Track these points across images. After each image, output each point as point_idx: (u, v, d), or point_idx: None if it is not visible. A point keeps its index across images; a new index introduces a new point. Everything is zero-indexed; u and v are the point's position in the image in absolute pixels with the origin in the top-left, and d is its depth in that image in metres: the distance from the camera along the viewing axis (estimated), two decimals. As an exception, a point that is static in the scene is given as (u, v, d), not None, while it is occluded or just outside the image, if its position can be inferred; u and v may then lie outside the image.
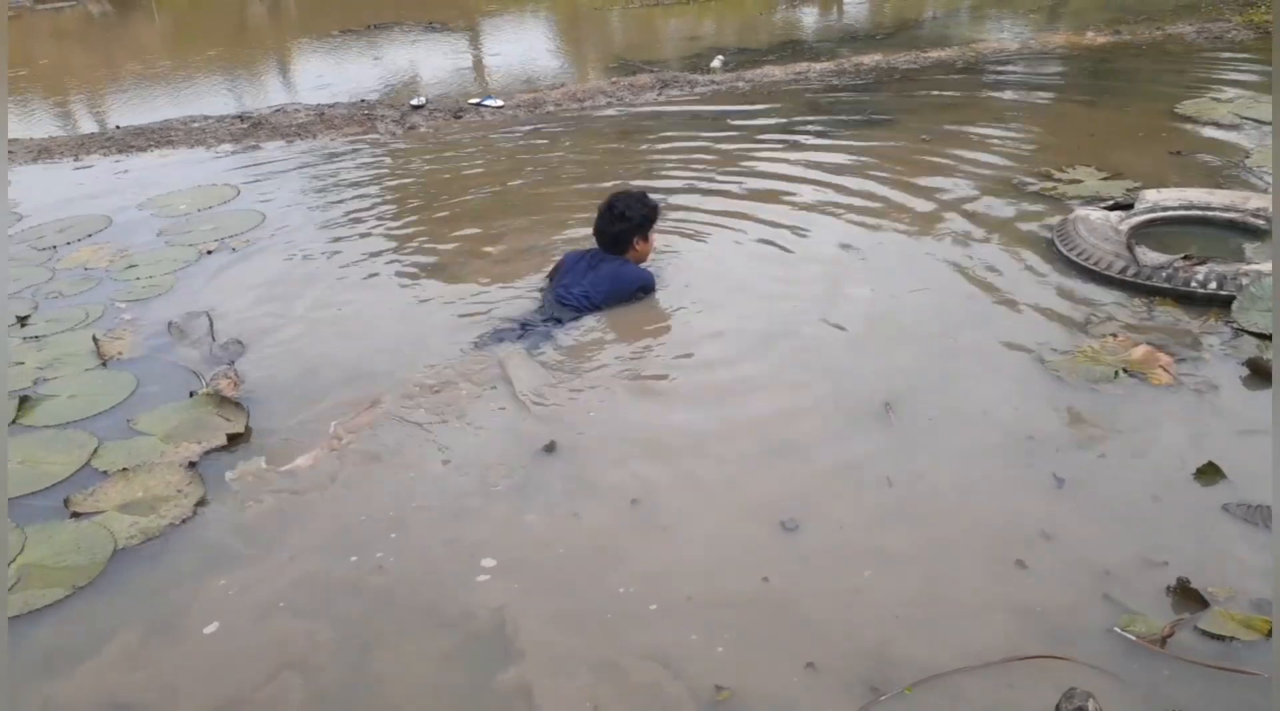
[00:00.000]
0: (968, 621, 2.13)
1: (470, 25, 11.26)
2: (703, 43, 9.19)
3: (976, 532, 2.41)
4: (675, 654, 2.08)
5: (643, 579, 2.30)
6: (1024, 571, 2.25)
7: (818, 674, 2.01)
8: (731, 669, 2.03)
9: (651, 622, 2.17)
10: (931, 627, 2.11)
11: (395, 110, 7.04)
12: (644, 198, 3.81)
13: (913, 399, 3.00)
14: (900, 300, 3.65)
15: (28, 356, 3.63)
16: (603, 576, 2.32)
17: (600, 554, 2.41)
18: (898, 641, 2.08)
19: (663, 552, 2.40)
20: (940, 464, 2.69)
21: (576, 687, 2.01)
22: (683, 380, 3.22)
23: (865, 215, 4.48)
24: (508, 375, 3.24)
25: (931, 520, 2.48)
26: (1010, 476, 2.62)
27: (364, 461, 2.83)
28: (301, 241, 4.64)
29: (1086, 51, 7.59)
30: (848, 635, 2.11)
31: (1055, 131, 5.60)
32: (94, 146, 6.61)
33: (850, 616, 2.16)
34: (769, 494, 2.60)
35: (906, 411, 2.93)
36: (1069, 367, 3.09)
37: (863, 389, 3.07)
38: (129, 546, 2.55)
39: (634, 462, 2.76)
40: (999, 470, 2.65)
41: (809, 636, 2.11)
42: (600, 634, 2.15)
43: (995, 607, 2.16)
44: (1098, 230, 3.88)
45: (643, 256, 3.86)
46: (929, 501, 2.55)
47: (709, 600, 2.23)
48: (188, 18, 13.87)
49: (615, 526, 2.51)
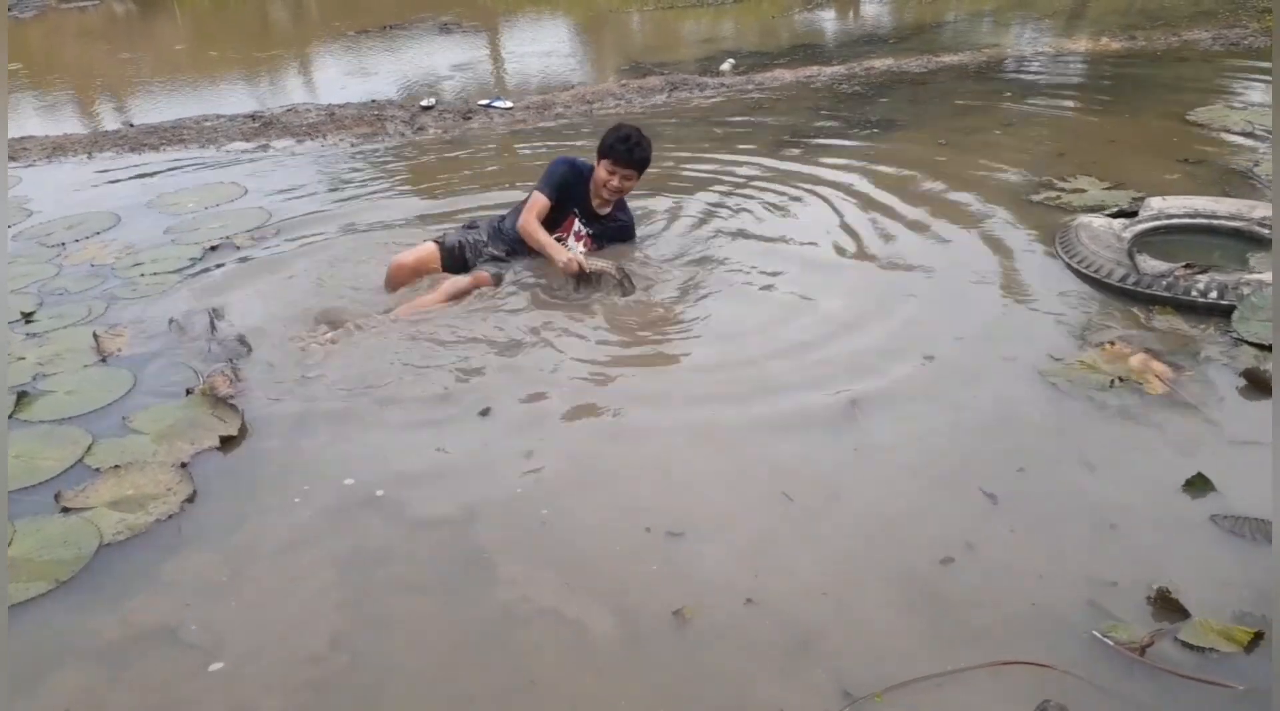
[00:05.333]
0: (947, 627, 2.11)
1: (485, 26, 11.29)
2: (717, 45, 9.19)
3: (947, 538, 2.39)
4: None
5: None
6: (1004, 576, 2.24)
7: (791, 678, 2.00)
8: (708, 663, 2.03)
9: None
10: (908, 634, 2.10)
11: (405, 111, 7.07)
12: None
13: (890, 402, 2.99)
14: (890, 305, 3.64)
15: (29, 352, 3.66)
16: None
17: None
18: (875, 645, 2.07)
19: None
20: (917, 467, 2.68)
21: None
22: (649, 372, 3.26)
23: (860, 220, 4.47)
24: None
25: (895, 527, 2.46)
26: (996, 482, 2.60)
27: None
28: (305, 239, 4.66)
29: (1101, 57, 7.54)
30: (825, 638, 2.10)
31: (1065, 138, 5.56)
32: (107, 144, 6.67)
33: (825, 622, 2.15)
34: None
35: (880, 414, 2.93)
36: (1064, 375, 3.07)
37: (834, 390, 3.08)
38: (114, 541, 2.56)
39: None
40: (984, 475, 2.63)
41: (784, 640, 2.10)
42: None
43: (972, 611, 2.15)
44: (1100, 238, 3.84)
45: (599, 186, 3.92)
46: (893, 505, 2.54)
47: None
48: (209, 17, 13.99)
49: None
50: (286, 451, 2.97)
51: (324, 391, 3.29)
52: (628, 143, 3.81)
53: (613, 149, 3.83)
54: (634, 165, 3.85)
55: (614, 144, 3.83)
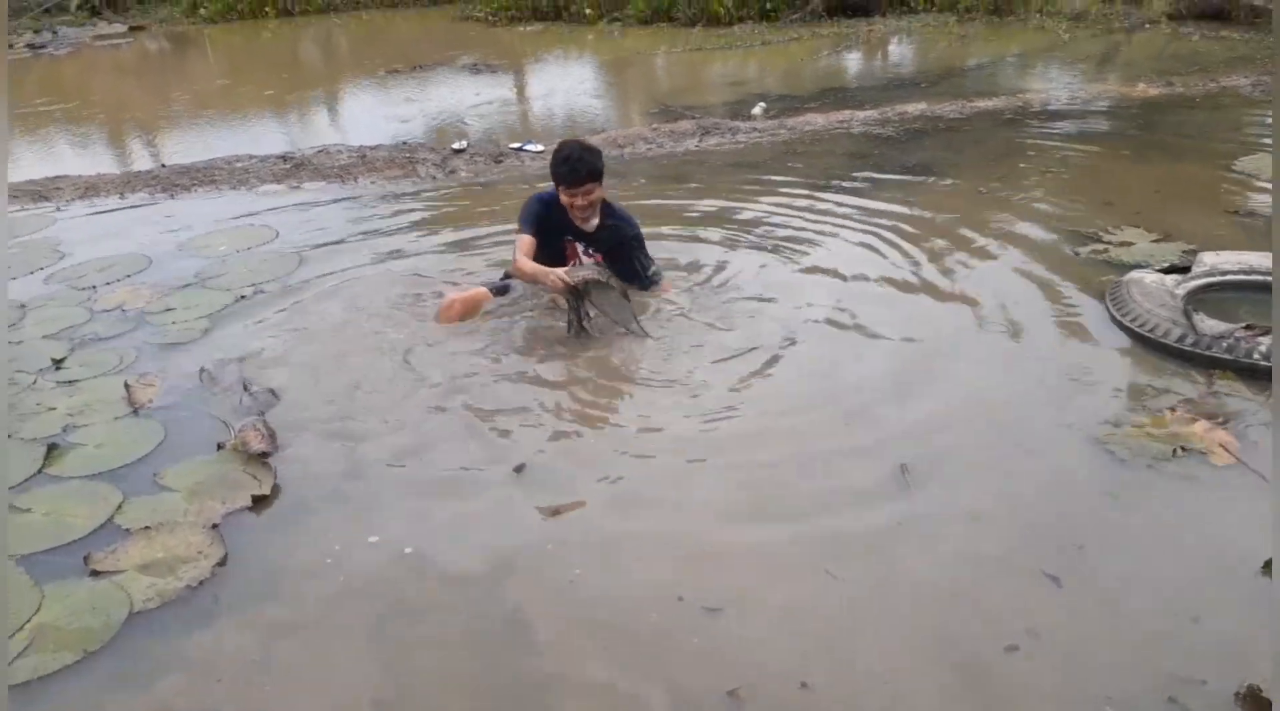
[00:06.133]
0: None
1: (514, 68, 11.34)
2: (746, 89, 9.17)
3: (1008, 622, 2.28)
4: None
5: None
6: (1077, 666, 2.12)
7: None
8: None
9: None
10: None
11: (436, 153, 7.06)
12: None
13: (940, 469, 2.89)
14: (937, 363, 3.55)
15: (59, 401, 3.61)
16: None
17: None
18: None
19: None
20: (971, 542, 2.57)
21: None
22: (680, 430, 3.19)
23: (903, 273, 4.38)
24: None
25: (952, 609, 2.35)
26: (1057, 561, 2.48)
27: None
28: (336, 284, 4.62)
29: (1138, 104, 7.45)
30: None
31: (1107, 188, 5.46)
32: (140, 184, 6.68)
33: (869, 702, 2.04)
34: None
35: (930, 482, 2.83)
36: (1123, 443, 2.96)
37: (880, 455, 2.99)
38: (145, 609, 2.48)
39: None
40: (1044, 553, 2.51)
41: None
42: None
43: (1041, 707, 2.03)
44: (1153, 295, 3.74)
45: (570, 209, 3.91)
46: (948, 584, 2.43)
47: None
48: (240, 55, 14.13)
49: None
50: (317, 509, 2.91)
51: (353, 443, 3.23)
52: (569, 163, 3.83)
53: (560, 175, 3.86)
54: (585, 180, 3.85)
55: (558, 169, 3.86)
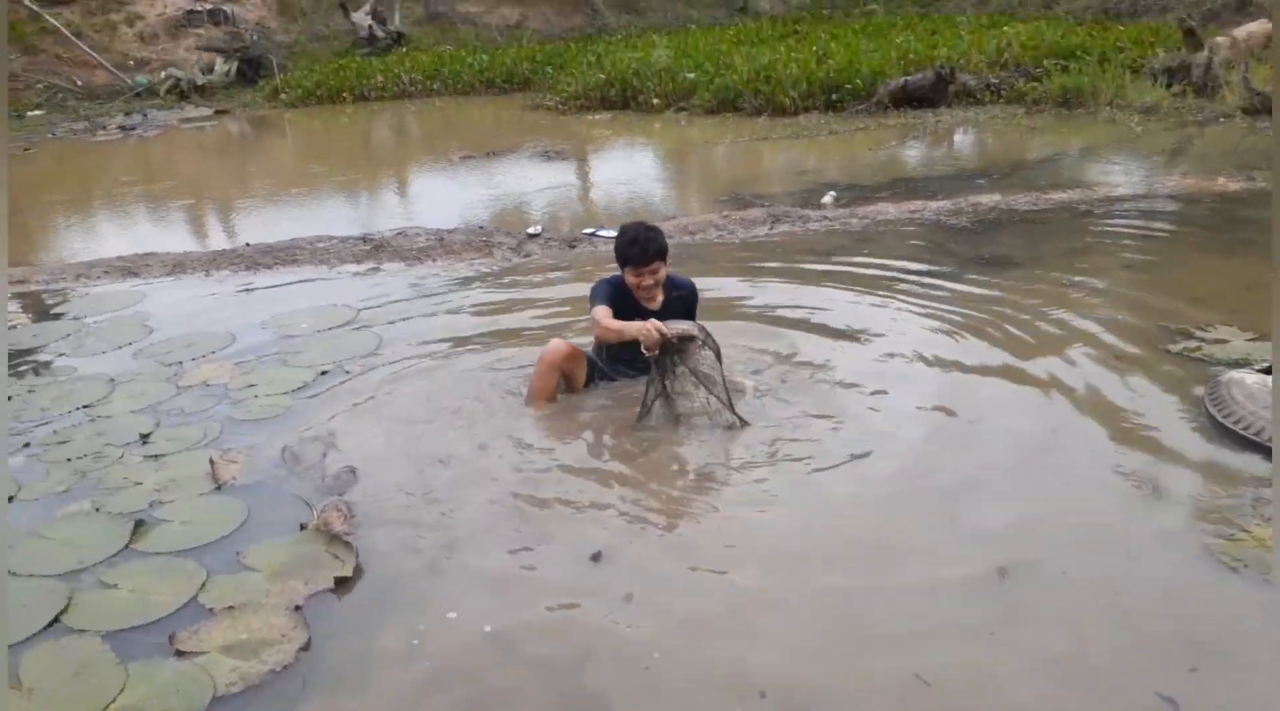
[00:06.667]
0: None
1: (583, 155, 11.60)
2: (813, 178, 9.23)
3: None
4: None
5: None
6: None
7: None
8: None
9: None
10: None
11: (512, 237, 7.18)
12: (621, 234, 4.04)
13: (1039, 575, 2.80)
14: (1031, 462, 3.46)
15: (147, 476, 3.66)
16: None
17: None
18: None
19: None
20: (1077, 658, 2.44)
21: None
22: (760, 521, 3.08)
23: (988, 365, 4.30)
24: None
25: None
26: (1170, 682, 2.34)
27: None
28: (416, 365, 4.66)
29: (1219, 198, 7.33)
30: None
31: (1195, 283, 5.34)
32: (224, 263, 6.88)
33: None
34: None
35: (1029, 589, 2.75)
36: (1236, 554, 2.81)
37: (973, 557, 2.90)
38: (228, 694, 2.46)
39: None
40: (1153, 672, 2.38)
41: None
42: None
43: None
44: (1256, 397, 3.60)
45: (637, 290, 4.00)
46: (1055, 702, 2.31)
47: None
48: (319, 138, 14.66)
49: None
50: (401, 590, 2.91)
51: (431, 525, 3.24)
52: (638, 243, 3.92)
53: (629, 256, 3.94)
54: (653, 258, 3.93)
55: (627, 251, 3.95)
